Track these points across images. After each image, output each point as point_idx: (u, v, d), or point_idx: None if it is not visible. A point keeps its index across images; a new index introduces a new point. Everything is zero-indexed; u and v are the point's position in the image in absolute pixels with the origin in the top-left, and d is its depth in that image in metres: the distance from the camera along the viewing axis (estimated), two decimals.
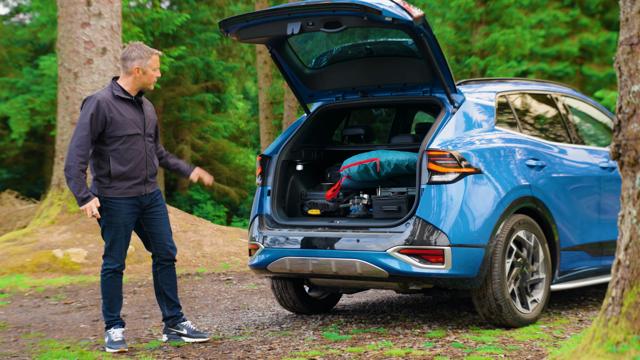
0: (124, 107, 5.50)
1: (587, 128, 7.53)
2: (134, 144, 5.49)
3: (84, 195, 5.33)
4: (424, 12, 5.54)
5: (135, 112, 5.54)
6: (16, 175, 26.72)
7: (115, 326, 5.58)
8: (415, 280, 5.68)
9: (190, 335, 5.72)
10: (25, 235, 10.68)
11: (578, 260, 6.62)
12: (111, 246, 5.56)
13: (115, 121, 5.42)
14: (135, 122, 5.51)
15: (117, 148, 5.45)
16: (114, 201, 5.49)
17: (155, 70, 5.56)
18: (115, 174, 5.46)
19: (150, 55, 5.52)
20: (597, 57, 20.13)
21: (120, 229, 5.55)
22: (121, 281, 5.64)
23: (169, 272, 5.75)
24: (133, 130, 5.49)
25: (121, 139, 5.45)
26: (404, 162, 6.15)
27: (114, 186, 5.48)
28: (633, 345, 3.71)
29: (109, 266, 5.56)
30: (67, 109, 11.33)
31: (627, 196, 3.93)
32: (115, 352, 5.42)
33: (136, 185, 5.53)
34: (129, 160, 5.48)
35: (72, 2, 11.30)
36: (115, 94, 5.49)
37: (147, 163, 5.57)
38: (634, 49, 3.89)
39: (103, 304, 5.61)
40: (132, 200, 5.54)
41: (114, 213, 5.50)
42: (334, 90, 6.70)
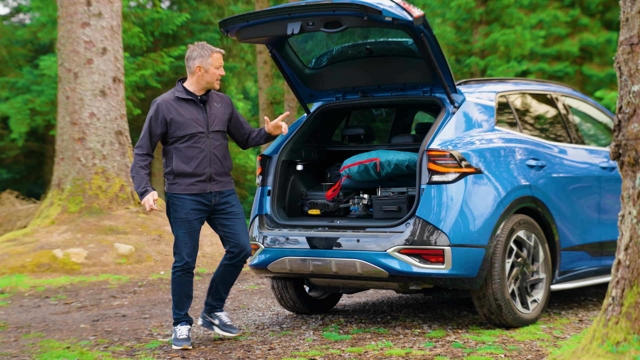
0: (185, 107, 5.59)
1: (587, 128, 7.53)
2: (196, 142, 5.57)
3: (141, 190, 5.50)
4: (424, 12, 5.54)
5: (197, 111, 5.61)
6: (16, 175, 26.72)
7: (182, 323, 5.61)
8: (415, 280, 5.68)
9: (220, 327, 5.76)
10: (25, 235, 10.68)
11: (578, 260, 6.62)
12: (175, 242, 5.62)
13: (175, 122, 5.55)
14: (197, 121, 5.58)
15: (179, 147, 5.57)
16: (177, 196, 5.58)
17: (218, 68, 5.61)
18: (178, 172, 5.57)
19: (211, 53, 5.61)
20: (597, 57, 20.13)
21: (184, 224, 5.57)
22: (191, 280, 5.64)
23: (232, 271, 5.77)
24: (194, 129, 5.56)
25: (183, 138, 5.56)
26: (404, 162, 6.15)
27: (177, 182, 5.59)
28: (633, 345, 3.71)
29: (177, 264, 5.61)
30: (67, 109, 11.33)
31: (627, 196, 3.93)
32: (179, 349, 5.47)
33: (199, 182, 5.58)
34: (190, 158, 5.56)
35: (72, 2, 11.30)
36: (176, 95, 5.61)
37: (211, 161, 5.61)
38: (634, 49, 3.89)
39: (172, 301, 5.66)
40: (195, 197, 5.58)
41: (177, 208, 5.58)
42: (334, 90, 6.70)
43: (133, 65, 20.32)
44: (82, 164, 11.19)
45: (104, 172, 11.21)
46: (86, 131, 11.21)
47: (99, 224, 10.68)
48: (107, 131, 11.29)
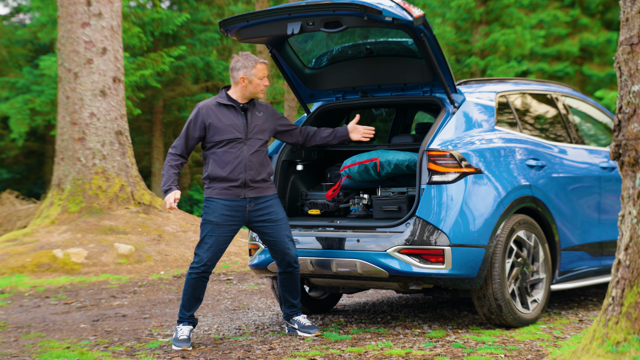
0: (225, 113, 5.66)
1: (587, 128, 7.53)
2: (233, 147, 5.61)
3: (165, 187, 5.59)
4: (424, 12, 5.54)
5: (236, 118, 5.66)
6: (16, 175, 26.72)
7: (185, 323, 5.62)
8: (415, 280, 5.68)
9: (300, 330, 5.80)
10: (25, 235, 10.68)
11: (578, 260, 6.62)
12: (200, 242, 5.62)
13: (213, 126, 5.63)
14: (236, 127, 5.63)
15: (216, 151, 5.63)
16: (211, 199, 5.63)
17: (262, 79, 5.67)
18: (213, 176, 5.62)
19: (255, 64, 5.66)
20: (597, 57, 20.14)
21: (213, 228, 5.59)
22: (204, 285, 5.64)
23: (288, 278, 5.78)
24: (232, 135, 5.61)
25: (220, 144, 5.62)
26: (404, 162, 6.15)
27: (212, 186, 5.64)
28: (633, 345, 3.71)
29: (195, 264, 5.60)
30: (67, 109, 11.33)
31: (627, 196, 3.93)
32: (179, 350, 5.46)
33: (233, 187, 5.60)
34: (226, 162, 5.60)
35: (72, 2, 11.30)
36: (217, 101, 5.69)
37: (246, 167, 5.62)
38: (634, 49, 3.89)
39: (181, 299, 5.67)
40: (229, 202, 5.60)
41: (209, 211, 5.61)
42: (334, 90, 6.70)
43: (133, 65, 20.33)
44: (82, 164, 11.19)
45: (104, 172, 11.21)
46: (86, 131, 11.21)
47: (99, 224, 10.69)
48: (107, 131, 11.29)
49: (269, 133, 5.80)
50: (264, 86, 5.66)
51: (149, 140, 25.26)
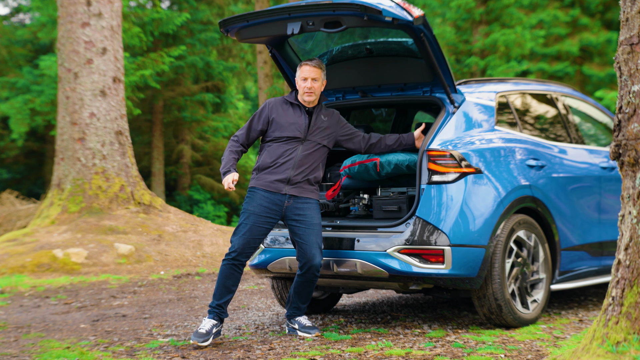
0: (289, 111, 5.77)
1: (587, 128, 7.53)
2: (289, 143, 5.70)
3: (224, 170, 5.69)
4: (424, 12, 5.54)
5: (300, 117, 5.74)
6: (16, 175, 26.72)
7: (210, 315, 5.61)
8: (415, 280, 5.68)
9: (300, 330, 5.81)
10: (25, 235, 10.68)
11: (578, 260, 6.62)
12: (237, 229, 5.68)
13: (276, 122, 5.74)
14: (297, 126, 5.71)
15: (272, 145, 5.73)
16: (253, 189, 5.72)
17: (305, 80, 5.73)
18: (262, 166, 5.73)
19: (301, 66, 5.77)
20: (597, 57, 20.13)
21: (249, 216, 5.64)
22: (234, 274, 5.62)
23: (304, 282, 5.78)
24: (291, 134, 5.70)
25: (279, 140, 5.71)
26: (404, 162, 6.15)
27: (258, 177, 5.73)
28: (633, 345, 3.71)
29: (228, 253, 5.64)
30: (67, 108, 11.33)
31: (627, 196, 3.93)
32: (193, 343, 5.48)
33: (277, 181, 5.67)
34: (278, 154, 5.70)
35: (72, 2, 11.30)
36: (286, 99, 5.81)
37: (296, 164, 5.68)
38: (634, 48, 3.89)
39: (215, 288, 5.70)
40: (268, 194, 5.66)
41: (249, 200, 5.70)
42: (334, 90, 6.70)
43: (133, 65, 20.33)
44: (82, 164, 11.19)
45: (104, 172, 11.22)
46: (86, 131, 11.21)
47: (99, 224, 10.69)
48: (107, 131, 11.29)
49: (329, 139, 5.85)
50: (306, 88, 5.70)
51: (149, 140, 25.27)
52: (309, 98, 5.74)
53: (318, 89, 5.77)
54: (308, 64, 5.73)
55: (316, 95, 5.78)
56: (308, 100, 5.76)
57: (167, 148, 25.94)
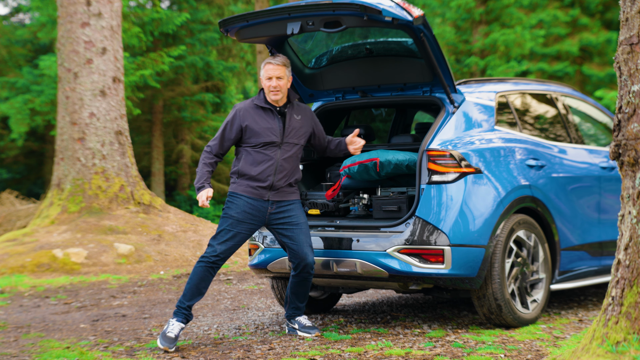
0: (262, 115, 5.67)
1: (587, 128, 7.53)
2: (267, 149, 5.63)
3: (199, 185, 5.61)
4: (424, 12, 5.54)
5: (273, 121, 5.65)
6: (16, 175, 26.71)
7: (178, 318, 5.55)
8: (415, 280, 5.68)
9: (300, 330, 5.79)
10: (25, 235, 10.67)
11: (578, 260, 6.62)
12: (217, 234, 5.62)
13: (250, 129, 5.64)
14: (272, 131, 5.63)
15: (249, 150, 5.64)
16: (234, 195, 5.65)
17: (269, 79, 5.65)
18: (242, 173, 5.64)
19: (264, 65, 5.69)
20: (597, 57, 20.14)
21: (231, 222, 5.59)
22: (210, 277, 5.60)
23: (300, 283, 5.78)
24: (268, 139, 5.62)
25: (256, 146, 5.63)
26: (404, 162, 6.15)
27: (239, 182, 5.67)
28: (633, 345, 3.71)
29: (206, 254, 5.59)
30: (67, 108, 11.33)
31: (627, 196, 3.93)
32: (161, 348, 5.43)
33: (260, 188, 5.62)
34: (257, 162, 5.62)
35: (72, 2, 11.29)
36: (255, 103, 5.69)
37: (277, 170, 5.63)
38: (634, 48, 3.89)
39: (185, 287, 5.64)
40: (252, 200, 5.61)
41: (231, 205, 5.63)
42: (333, 90, 6.70)
43: (133, 65, 20.32)
44: (82, 164, 11.19)
45: (104, 172, 11.22)
46: (86, 131, 11.21)
47: (99, 224, 10.69)
48: (107, 131, 11.29)
49: (305, 137, 5.81)
50: (271, 87, 5.63)
51: (149, 140, 25.26)
52: (275, 97, 5.65)
53: (284, 87, 5.67)
54: (271, 62, 5.64)
55: (283, 94, 5.68)
56: (274, 99, 5.66)
57: (167, 148, 25.93)
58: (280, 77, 5.64)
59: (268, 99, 5.70)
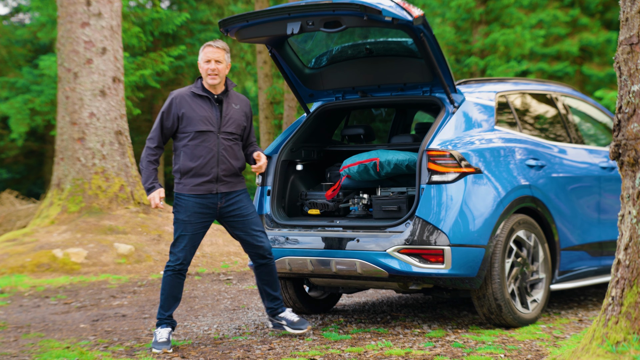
0: (198, 103, 5.50)
1: (587, 128, 7.53)
2: (205, 140, 5.47)
3: (148, 185, 5.44)
4: (423, 12, 5.54)
5: (210, 109, 5.51)
6: (16, 175, 26.71)
7: (163, 326, 5.54)
8: (415, 280, 5.68)
9: (290, 326, 5.72)
10: (25, 235, 10.67)
11: (578, 260, 6.62)
12: (174, 242, 5.54)
13: (186, 117, 5.47)
14: (208, 119, 5.48)
15: (187, 144, 5.48)
16: (182, 197, 5.51)
17: (208, 62, 5.49)
18: (184, 170, 5.49)
19: (202, 48, 5.55)
20: (597, 57, 20.13)
21: (185, 227, 5.50)
22: (181, 282, 5.57)
23: (264, 269, 5.70)
24: (204, 127, 5.46)
25: (191, 135, 5.46)
26: (404, 162, 6.15)
27: (183, 182, 5.51)
28: (633, 345, 3.71)
29: (170, 263, 5.53)
30: (67, 108, 11.33)
31: (627, 196, 3.93)
32: (160, 352, 5.38)
33: (206, 183, 5.48)
34: (198, 156, 5.46)
35: (72, 2, 11.30)
36: (192, 90, 5.53)
37: (219, 161, 5.49)
38: (634, 48, 3.89)
39: (160, 300, 5.59)
40: (201, 199, 5.49)
41: (180, 209, 5.50)
42: (333, 90, 6.70)
43: (133, 65, 20.32)
44: (81, 164, 11.19)
45: (104, 172, 11.21)
46: (86, 131, 11.21)
47: (99, 223, 10.69)
48: (107, 131, 11.29)
49: (242, 127, 5.63)
50: (209, 70, 5.46)
51: None
52: (213, 81, 5.49)
53: (222, 71, 5.50)
54: (211, 44, 5.51)
55: (221, 78, 5.50)
56: (212, 83, 5.50)
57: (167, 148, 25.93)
58: (219, 60, 5.50)
59: (205, 83, 5.54)
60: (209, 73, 5.49)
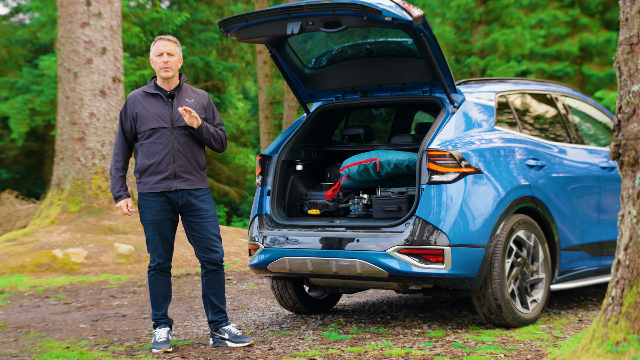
0: (151, 102, 5.48)
1: (587, 128, 7.53)
2: (159, 137, 5.44)
3: (116, 194, 5.44)
4: (423, 12, 5.54)
5: (162, 106, 5.47)
6: (16, 175, 26.71)
7: (160, 326, 5.54)
8: (415, 280, 5.68)
9: (232, 340, 5.54)
10: (25, 235, 10.68)
11: (578, 260, 6.62)
12: (148, 243, 5.54)
13: (140, 116, 5.46)
14: (161, 116, 5.45)
15: (144, 143, 5.47)
16: (144, 197, 5.50)
17: (160, 56, 5.44)
18: (142, 168, 5.47)
19: (154, 42, 5.51)
20: (597, 57, 20.14)
21: (152, 226, 5.49)
22: (167, 280, 5.56)
23: (213, 277, 5.58)
24: (157, 124, 5.43)
25: (145, 133, 5.44)
26: (404, 162, 6.15)
27: (143, 182, 5.49)
28: (633, 345, 3.71)
29: (151, 264, 5.54)
30: (66, 108, 11.33)
31: (627, 196, 3.93)
32: (160, 352, 5.37)
33: (164, 180, 5.44)
34: (153, 154, 5.43)
35: (72, 2, 11.30)
36: (144, 90, 5.51)
37: (174, 157, 5.43)
38: (634, 48, 3.89)
39: (150, 301, 5.59)
40: (161, 197, 5.46)
41: (145, 210, 5.49)
42: (333, 90, 6.70)
43: (133, 65, 20.32)
44: (81, 164, 11.19)
45: (104, 172, 11.22)
46: (86, 131, 11.21)
47: (99, 223, 10.69)
48: (107, 131, 11.29)
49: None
50: (163, 63, 5.42)
51: None
52: (167, 74, 5.41)
53: (175, 65, 5.44)
54: (162, 38, 5.48)
55: (174, 71, 5.45)
56: (165, 76, 5.45)
57: None
58: (171, 53, 5.45)
59: (159, 78, 5.50)
60: (162, 67, 5.44)
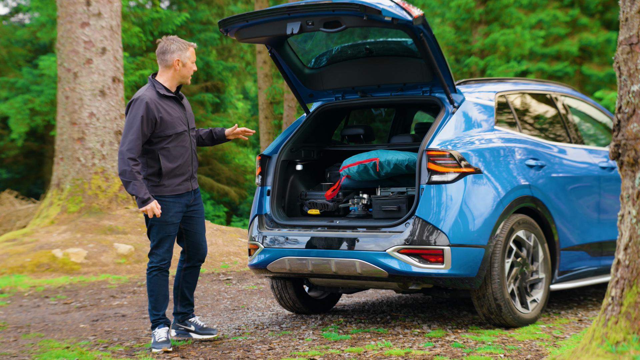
0: (170, 105, 5.49)
1: (586, 128, 7.53)
2: (182, 140, 5.50)
3: (144, 196, 5.30)
4: (423, 12, 5.54)
5: (179, 109, 5.54)
6: (16, 175, 26.71)
7: (160, 326, 5.54)
8: (414, 280, 5.68)
9: (198, 332, 5.69)
10: (25, 235, 10.67)
11: (578, 260, 6.62)
12: (159, 244, 5.51)
13: (164, 121, 5.42)
14: (181, 119, 5.52)
15: (166, 146, 5.45)
16: (163, 199, 5.47)
17: (193, 63, 5.57)
18: (166, 172, 5.46)
19: (187, 47, 5.55)
20: (596, 57, 20.14)
21: (170, 228, 5.51)
22: (167, 280, 5.59)
23: (193, 272, 5.73)
24: (181, 128, 5.49)
25: (170, 137, 5.45)
26: (404, 162, 6.15)
27: (164, 184, 5.47)
28: (632, 345, 3.71)
29: (154, 264, 5.51)
30: (66, 108, 11.33)
31: (626, 196, 3.93)
32: (160, 352, 5.38)
33: (184, 182, 5.53)
34: (177, 157, 5.49)
35: (72, 2, 11.29)
36: (160, 92, 5.46)
37: (192, 158, 5.57)
38: (634, 48, 3.89)
39: (149, 302, 5.58)
40: (180, 198, 5.53)
41: (163, 211, 5.46)
42: (333, 90, 6.70)
43: (132, 65, 20.32)
44: (81, 164, 11.19)
45: (104, 172, 11.22)
46: (86, 131, 11.21)
47: (99, 223, 10.69)
48: (107, 131, 11.29)
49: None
50: (194, 70, 5.59)
51: None
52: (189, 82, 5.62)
53: None
54: (194, 45, 5.58)
55: None
56: (188, 83, 5.60)
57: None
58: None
59: (184, 82, 5.55)
60: (191, 74, 5.59)
